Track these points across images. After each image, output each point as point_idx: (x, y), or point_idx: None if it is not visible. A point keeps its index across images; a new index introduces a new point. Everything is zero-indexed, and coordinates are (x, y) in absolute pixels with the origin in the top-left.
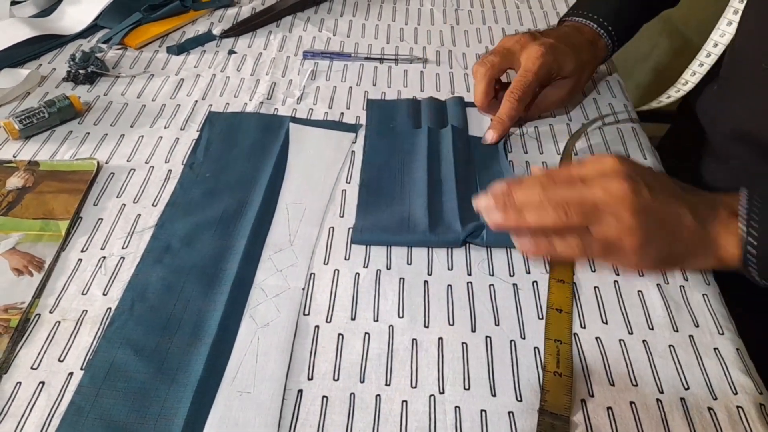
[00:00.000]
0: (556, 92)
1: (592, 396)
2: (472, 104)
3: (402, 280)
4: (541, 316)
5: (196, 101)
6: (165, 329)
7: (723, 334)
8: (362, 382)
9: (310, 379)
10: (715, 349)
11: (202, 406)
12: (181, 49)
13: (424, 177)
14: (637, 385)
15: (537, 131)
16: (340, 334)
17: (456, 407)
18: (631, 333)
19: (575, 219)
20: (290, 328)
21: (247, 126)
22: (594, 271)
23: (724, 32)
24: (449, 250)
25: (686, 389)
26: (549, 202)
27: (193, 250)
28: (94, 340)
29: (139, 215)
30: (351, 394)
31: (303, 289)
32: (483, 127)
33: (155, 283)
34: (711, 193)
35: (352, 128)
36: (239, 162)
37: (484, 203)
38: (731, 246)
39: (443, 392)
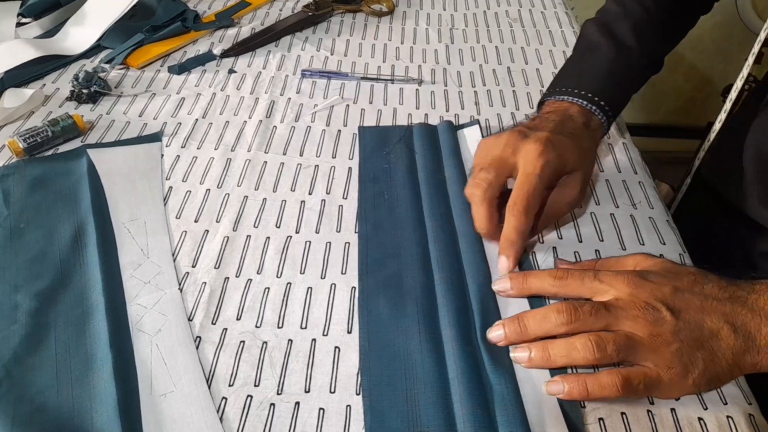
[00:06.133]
0: (567, 192)
1: (584, 407)
2: (461, 127)
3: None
4: None
5: (197, 119)
6: (58, 379)
7: None
8: (358, 394)
9: (307, 391)
10: None
11: (132, 426)
12: (182, 68)
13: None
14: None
15: None
16: (336, 347)
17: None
18: None
19: (614, 355)
20: (184, 324)
21: (41, 168)
22: None
23: None
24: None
25: (676, 399)
26: (576, 336)
27: (50, 300)
28: None
29: None
30: (347, 406)
31: (180, 289)
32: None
33: (22, 345)
34: (746, 286)
35: (156, 137)
36: (49, 202)
37: (496, 336)
38: None
39: None
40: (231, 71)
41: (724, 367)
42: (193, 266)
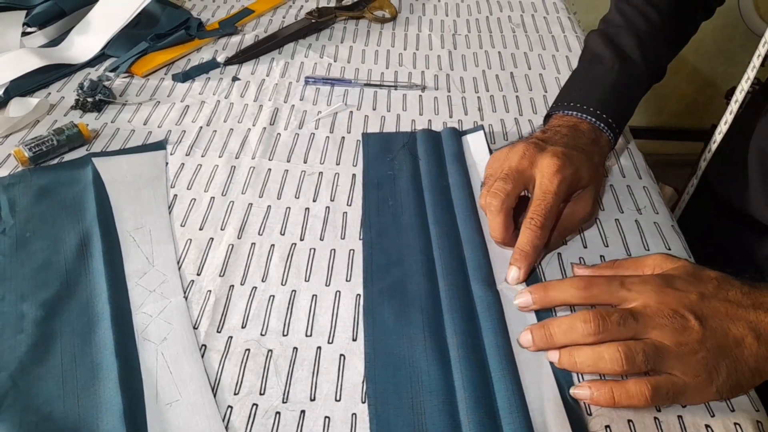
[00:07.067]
0: (580, 207)
1: (590, 415)
2: (465, 133)
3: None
4: None
5: (201, 127)
6: (63, 389)
7: None
8: (363, 402)
9: (313, 399)
10: None
11: None
12: (186, 76)
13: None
14: None
15: None
16: (341, 355)
17: None
18: None
19: (642, 366)
20: (189, 333)
21: (47, 177)
22: None
23: None
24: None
25: (683, 407)
26: (605, 346)
27: (56, 309)
28: None
29: None
30: (353, 414)
31: (185, 297)
32: (481, 155)
33: (28, 355)
34: None
35: (160, 146)
36: (54, 211)
37: (525, 341)
38: None
39: None
40: (235, 79)
41: (746, 375)
42: (198, 274)
